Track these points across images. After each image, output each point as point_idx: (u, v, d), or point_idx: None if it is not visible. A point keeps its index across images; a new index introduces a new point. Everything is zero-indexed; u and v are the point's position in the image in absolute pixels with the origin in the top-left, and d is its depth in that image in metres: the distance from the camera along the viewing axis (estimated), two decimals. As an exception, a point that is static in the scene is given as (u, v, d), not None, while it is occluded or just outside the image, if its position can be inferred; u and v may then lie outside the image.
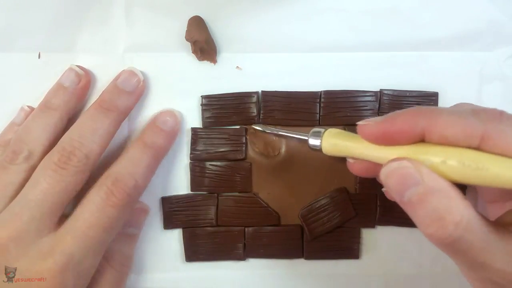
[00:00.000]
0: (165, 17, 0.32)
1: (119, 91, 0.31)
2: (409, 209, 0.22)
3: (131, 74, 0.31)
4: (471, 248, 0.21)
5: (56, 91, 0.31)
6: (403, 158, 0.22)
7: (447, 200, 0.21)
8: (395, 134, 0.23)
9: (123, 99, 0.31)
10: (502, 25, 0.33)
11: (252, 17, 0.32)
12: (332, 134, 0.27)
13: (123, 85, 0.31)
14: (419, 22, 0.33)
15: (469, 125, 0.21)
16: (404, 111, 0.23)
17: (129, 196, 0.29)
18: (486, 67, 0.33)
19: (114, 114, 0.30)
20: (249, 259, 0.34)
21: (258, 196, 0.33)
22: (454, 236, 0.20)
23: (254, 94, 0.33)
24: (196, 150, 0.33)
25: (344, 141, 0.26)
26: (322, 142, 0.27)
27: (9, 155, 0.29)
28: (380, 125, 0.23)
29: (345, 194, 0.33)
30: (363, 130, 0.24)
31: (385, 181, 0.23)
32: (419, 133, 0.22)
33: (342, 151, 0.26)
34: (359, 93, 0.33)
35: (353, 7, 0.32)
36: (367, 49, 0.33)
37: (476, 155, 0.21)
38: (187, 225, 0.34)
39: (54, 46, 0.32)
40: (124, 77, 0.31)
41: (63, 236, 0.27)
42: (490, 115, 0.22)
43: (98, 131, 0.29)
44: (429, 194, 0.21)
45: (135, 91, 0.31)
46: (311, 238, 0.33)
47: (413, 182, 0.21)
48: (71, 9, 0.32)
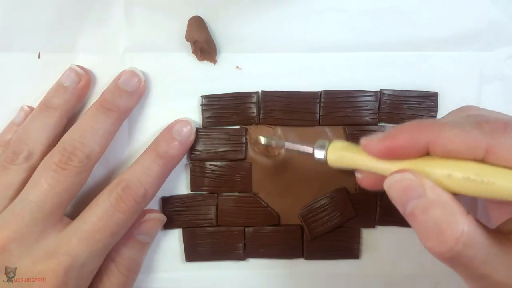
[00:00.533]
0: (165, 17, 0.32)
1: (120, 91, 0.31)
2: (411, 221, 0.22)
3: (132, 74, 0.31)
4: (472, 262, 0.21)
5: (56, 90, 0.31)
6: (407, 170, 0.22)
7: (449, 214, 0.21)
8: (398, 150, 0.23)
9: (124, 99, 0.31)
10: (502, 25, 0.33)
11: (252, 17, 0.32)
12: (337, 146, 0.27)
13: (124, 85, 0.31)
14: (419, 22, 0.33)
15: (473, 139, 0.21)
16: (406, 125, 0.23)
17: (138, 204, 0.29)
18: (486, 67, 0.33)
19: (115, 114, 0.30)
20: (249, 259, 0.34)
21: (258, 196, 0.33)
22: (454, 251, 0.20)
23: (254, 94, 0.33)
24: (196, 150, 0.33)
25: (350, 153, 0.26)
26: (328, 155, 0.27)
27: (9, 155, 0.29)
28: (383, 142, 0.23)
29: (345, 194, 0.33)
30: (366, 147, 0.24)
31: (388, 192, 0.23)
32: (423, 147, 0.22)
33: (348, 163, 0.26)
34: (359, 93, 0.33)
35: (353, 7, 0.32)
36: (367, 49, 0.33)
37: (481, 168, 0.21)
38: (187, 225, 0.34)
39: (54, 46, 0.32)
40: (125, 77, 0.31)
41: (68, 237, 0.28)
42: (494, 127, 0.21)
43: (99, 131, 0.29)
44: (431, 207, 0.21)
45: (136, 91, 0.31)
46: (311, 238, 0.33)
47: (415, 195, 0.21)
48: (71, 9, 0.32)
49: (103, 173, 0.33)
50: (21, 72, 0.33)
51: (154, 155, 0.30)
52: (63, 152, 0.28)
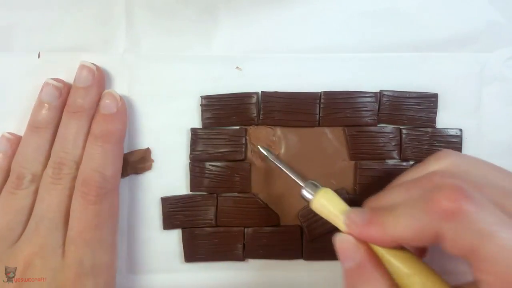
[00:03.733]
0: (165, 17, 0.32)
1: (77, 91, 0.31)
2: (343, 276, 0.24)
3: (82, 68, 0.31)
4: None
5: (38, 109, 0.31)
6: (351, 234, 0.24)
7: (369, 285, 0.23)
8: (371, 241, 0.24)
9: (83, 96, 0.31)
10: (502, 26, 0.33)
11: (252, 17, 0.32)
12: (326, 195, 0.27)
13: (78, 82, 0.31)
14: (419, 23, 0.33)
15: (421, 228, 0.21)
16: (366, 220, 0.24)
17: (103, 188, 0.30)
18: (486, 68, 0.33)
19: (83, 114, 0.31)
20: (248, 260, 0.34)
21: (257, 196, 0.33)
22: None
23: (254, 95, 0.33)
24: (196, 150, 0.33)
25: (333, 210, 0.26)
26: (314, 202, 0.27)
27: (14, 181, 0.30)
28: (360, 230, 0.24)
29: (344, 195, 0.33)
30: (348, 226, 0.25)
31: (335, 246, 0.25)
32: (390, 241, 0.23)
33: (327, 216, 0.27)
34: (359, 94, 0.33)
35: (353, 8, 0.32)
36: (367, 50, 0.33)
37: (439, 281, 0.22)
38: (187, 225, 0.34)
39: (54, 45, 0.32)
40: (77, 75, 0.31)
41: (68, 247, 0.29)
42: (443, 212, 0.21)
43: (75, 135, 0.30)
44: (357, 273, 0.23)
45: (91, 83, 0.31)
46: (311, 239, 0.33)
47: (350, 257, 0.24)
48: (71, 9, 0.32)
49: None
50: (21, 72, 0.33)
51: (93, 139, 0.31)
52: (53, 165, 0.30)
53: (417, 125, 0.33)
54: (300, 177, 0.29)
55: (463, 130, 0.33)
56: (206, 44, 0.33)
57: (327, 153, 0.33)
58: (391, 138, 0.33)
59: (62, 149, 0.30)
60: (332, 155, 0.33)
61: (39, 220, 0.29)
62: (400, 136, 0.33)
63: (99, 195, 0.29)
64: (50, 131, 0.31)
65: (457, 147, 0.33)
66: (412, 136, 0.33)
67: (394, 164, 0.33)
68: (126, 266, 0.34)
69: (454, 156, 0.26)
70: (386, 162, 0.33)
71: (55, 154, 0.30)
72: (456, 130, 0.33)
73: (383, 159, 0.33)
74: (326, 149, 0.33)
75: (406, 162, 0.33)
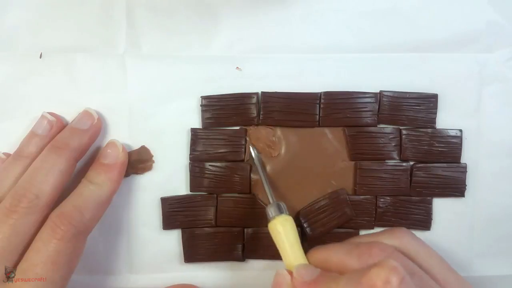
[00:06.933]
0: (165, 17, 0.32)
1: (72, 130, 0.31)
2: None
3: (86, 114, 0.32)
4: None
5: (29, 139, 0.31)
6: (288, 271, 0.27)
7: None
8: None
9: (75, 137, 0.31)
10: (501, 26, 0.33)
11: (252, 18, 0.32)
12: (284, 223, 0.28)
13: (77, 124, 0.31)
14: (419, 23, 0.33)
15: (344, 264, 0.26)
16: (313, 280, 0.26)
17: (75, 228, 0.28)
18: (485, 69, 0.33)
19: (66, 152, 0.30)
20: (248, 260, 0.34)
21: (257, 196, 0.34)
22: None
23: (254, 95, 0.33)
24: (196, 150, 0.33)
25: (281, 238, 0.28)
26: (271, 222, 0.29)
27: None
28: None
29: (344, 196, 0.33)
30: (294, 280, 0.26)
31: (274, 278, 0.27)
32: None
33: (276, 242, 0.28)
34: (359, 94, 0.33)
35: (353, 9, 0.32)
36: (367, 50, 0.33)
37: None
38: (186, 225, 0.34)
39: (55, 46, 0.32)
40: (79, 117, 0.32)
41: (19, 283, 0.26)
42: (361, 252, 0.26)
43: (49, 171, 0.29)
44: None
45: (89, 129, 0.31)
46: (311, 239, 0.33)
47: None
48: (71, 9, 0.32)
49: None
50: (23, 72, 0.33)
51: (86, 182, 0.30)
52: (14, 195, 0.28)
53: (417, 126, 0.33)
54: (273, 194, 0.30)
55: (463, 130, 0.33)
56: (206, 44, 0.33)
57: (327, 154, 0.33)
58: (391, 139, 0.33)
59: (29, 181, 0.29)
60: (332, 155, 0.33)
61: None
62: (400, 136, 0.33)
63: (69, 231, 0.27)
64: (31, 161, 0.30)
65: (457, 147, 0.33)
66: (412, 137, 0.33)
67: (394, 164, 0.33)
68: (126, 266, 0.34)
69: (407, 237, 0.29)
70: (386, 163, 0.33)
71: (20, 184, 0.29)
72: (456, 130, 0.33)
73: (383, 160, 0.33)
74: (326, 149, 0.33)
75: (406, 162, 0.33)
